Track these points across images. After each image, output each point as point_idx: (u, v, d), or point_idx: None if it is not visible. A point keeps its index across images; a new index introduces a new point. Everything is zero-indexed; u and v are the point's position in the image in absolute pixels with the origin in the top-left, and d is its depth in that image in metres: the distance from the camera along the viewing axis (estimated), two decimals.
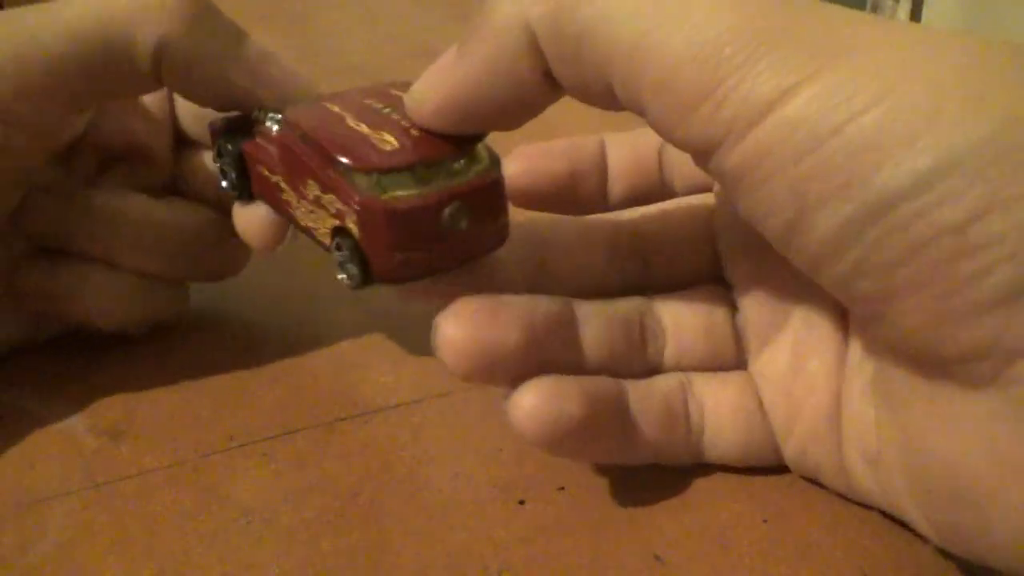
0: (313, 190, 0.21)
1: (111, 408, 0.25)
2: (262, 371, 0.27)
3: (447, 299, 0.20)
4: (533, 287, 0.22)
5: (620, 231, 0.24)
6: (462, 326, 0.20)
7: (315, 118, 0.21)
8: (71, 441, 0.24)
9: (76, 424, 0.25)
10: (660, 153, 0.25)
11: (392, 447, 0.24)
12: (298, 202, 0.22)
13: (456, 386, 0.26)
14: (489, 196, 0.20)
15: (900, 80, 0.15)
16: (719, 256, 0.24)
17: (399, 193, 0.19)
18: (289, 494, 0.22)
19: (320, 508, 0.22)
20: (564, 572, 0.20)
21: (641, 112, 0.17)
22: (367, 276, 0.20)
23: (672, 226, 0.24)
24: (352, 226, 0.20)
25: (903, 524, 0.20)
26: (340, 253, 0.20)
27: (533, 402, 0.20)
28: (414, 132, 0.20)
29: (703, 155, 0.17)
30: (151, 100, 0.27)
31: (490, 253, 0.21)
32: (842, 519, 0.21)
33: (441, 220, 0.19)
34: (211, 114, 0.24)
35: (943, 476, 0.17)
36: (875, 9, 0.67)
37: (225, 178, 0.24)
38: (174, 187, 0.29)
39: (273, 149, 0.22)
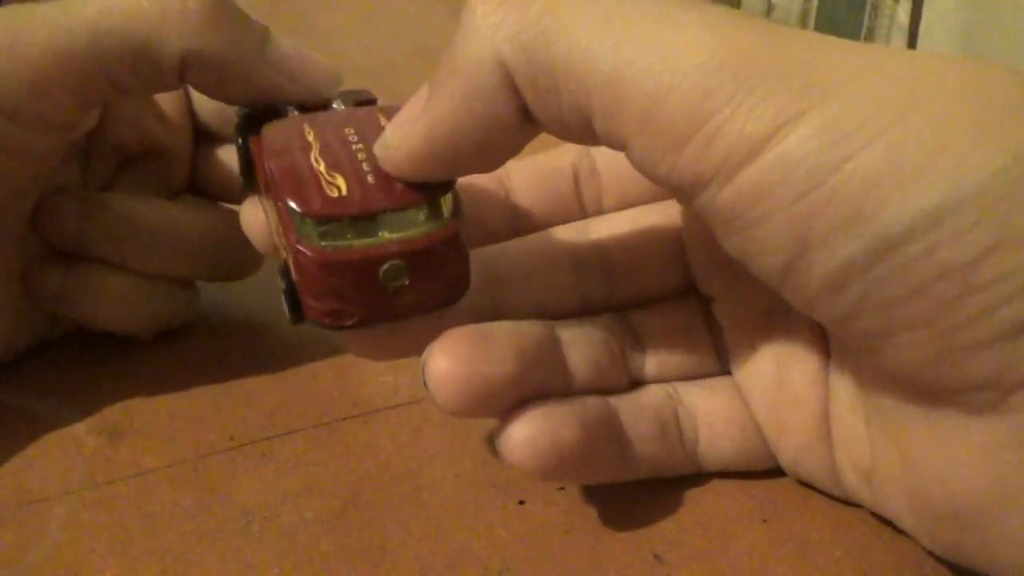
0: (275, 214, 0.20)
1: (111, 408, 0.25)
2: (262, 371, 0.27)
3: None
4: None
5: (584, 249, 0.23)
6: (454, 360, 0.19)
7: (282, 144, 0.20)
8: (71, 441, 0.24)
9: (76, 424, 0.25)
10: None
11: (392, 447, 0.24)
12: (272, 213, 0.21)
13: None
14: (438, 254, 0.19)
15: (901, 113, 0.14)
16: (689, 270, 0.23)
17: (337, 243, 0.18)
18: (289, 494, 0.22)
19: (320, 508, 0.22)
20: (564, 572, 0.20)
21: (622, 148, 0.17)
22: (299, 316, 0.20)
23: (640, 242, 0.23)
24: (290, 265, 0.19)
25: None
26: (281, 283, 0.20)
27: (528, 433, 0.19)
28: (371, 179, 0.19)
29: (689, 193, 0.16)
30: (169, 96, 0.27)
31: (445, 307, 0.20)
32: (842, 519, 0.21)
33: (378, 276, 0.19)
34: (232, 110, 0.24)
35: (943, 498, 0.17)
36: (875, 9, 0.67)
37: (240, 169, 0.24)
38: (193, 184, 0.28)
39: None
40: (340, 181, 0.19)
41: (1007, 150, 0.14)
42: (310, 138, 0.20)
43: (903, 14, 0.62)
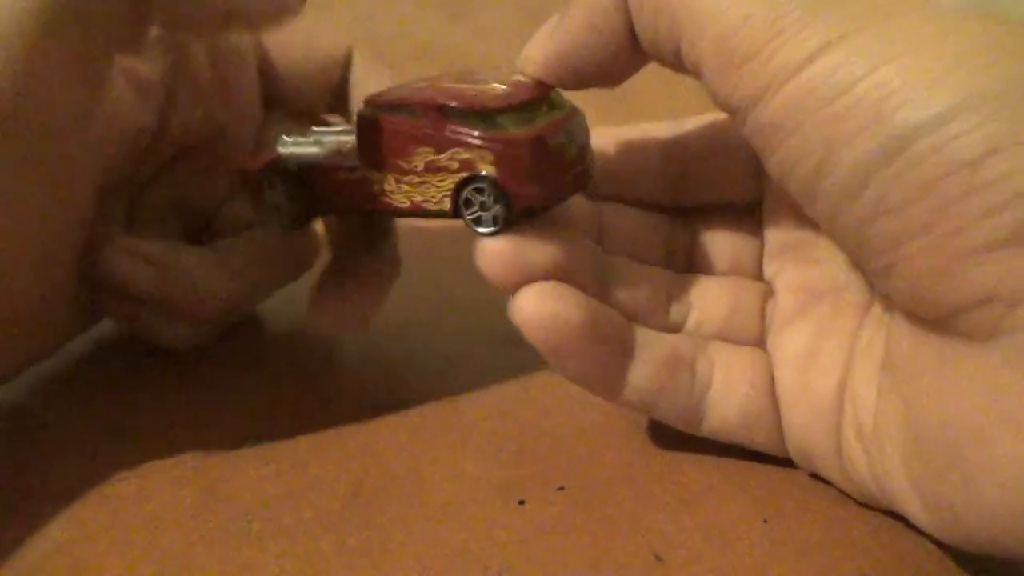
0: (423, 157, 0.22)
1: (111, 408, 0.25)
2: (262, 371, 0.27)
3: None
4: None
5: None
6: (502, 240, 0.21)
7: (413, 93, 0.22)
8: (71, 441, 0.24)
9: (76, 424, 0.25)
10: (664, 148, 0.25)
11: (392, 447, 0.24)
12: (396, 184, 0.22)
13: (456, 386, 0.26)
14: (582, 127, 0.23)
15: (930, 36, 0.16)
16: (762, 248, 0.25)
17: (523, 128, 0.21)
18: (289, 494, 0.22)
19: (320, 508, 0.22)
20: (564, 572, 0.20)
21: (698, 70, 0.19)
22: (508, 211, 0.21)
23: (722, 232, 0.25)
24: (488, 167, 0.21)
25: (903, 524, 0.20)
26: (478, 197, 0.21)
27: (535, 300, 0.21)
28: (506, 85, 0.22)
29: (746, 109, 0.18)
30: (240, 74, 0.27)
31: (582, 189, 0.23)
32: (842, 519, 0.21)
33: (560, 147, 0.22)
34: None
35: (939, 431, 0.18)
36: None
37: (278, 213, 0.25)
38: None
39: (347, 149, 0.23)
40: (496, 85, 0.22)
41: (1008, 63, 0.16)
42: (424, 84, 0.22)
43: None
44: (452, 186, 0.22)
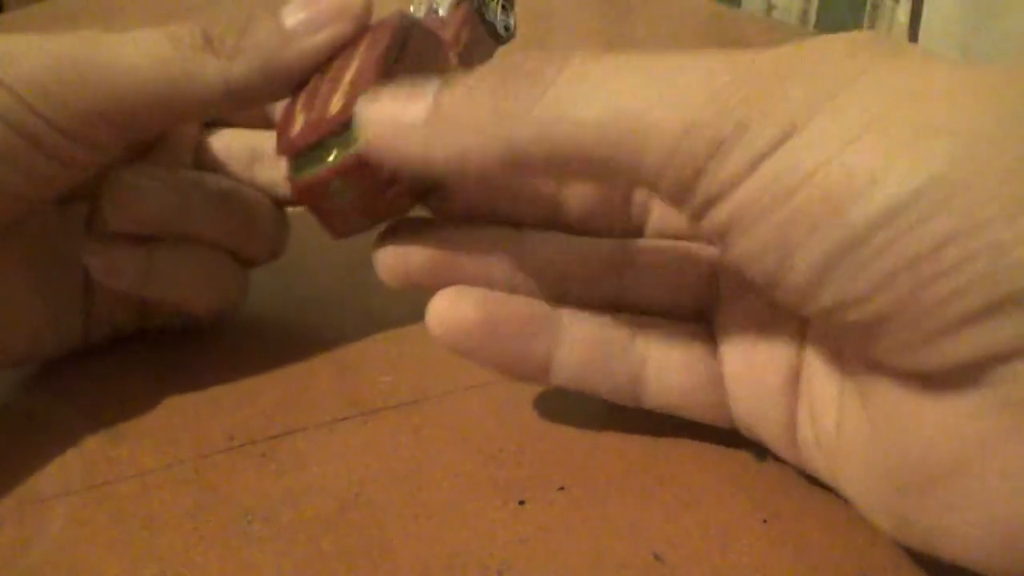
0: None
1: (111, 408, 0.25)
2: (262, 371, 0.27)
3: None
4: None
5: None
6: (391, 242, 0.23)
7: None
8: (71, 441, 0.24)
9: (76, 424, 0.25)
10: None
11: (392, 447, 0.24)
12: None
13: (456, 386, 0.26)
14: (362, 168, 0.21)
15: (875, 118, 0.16)
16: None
17: (307, 172, 0.21)
18: (289, 494, 0.22)
19: (320, 508, 0.22)
20: (564, 572, 0.20)
21: (651, 189, 0.18)
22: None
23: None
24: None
25: None
26: None
27: (437, 304, 0.22)
28: (321, 107, 0.21)
29: (699, 215, 0.18)
30: None
31: (426, 193, 0.23)
32: (842, 519, 0.21)
33: (331, 195, 0.21)
34: None
35: (917, 466, 0.17)
36: (875, 9, 0.67)
37: None
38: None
39: None
40: (300, 117, 0.22)
41: (959, 144, 0.15)
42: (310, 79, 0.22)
43: (903, 14, 0.62)
44: None
